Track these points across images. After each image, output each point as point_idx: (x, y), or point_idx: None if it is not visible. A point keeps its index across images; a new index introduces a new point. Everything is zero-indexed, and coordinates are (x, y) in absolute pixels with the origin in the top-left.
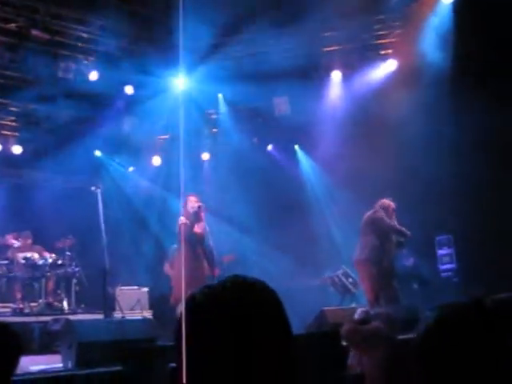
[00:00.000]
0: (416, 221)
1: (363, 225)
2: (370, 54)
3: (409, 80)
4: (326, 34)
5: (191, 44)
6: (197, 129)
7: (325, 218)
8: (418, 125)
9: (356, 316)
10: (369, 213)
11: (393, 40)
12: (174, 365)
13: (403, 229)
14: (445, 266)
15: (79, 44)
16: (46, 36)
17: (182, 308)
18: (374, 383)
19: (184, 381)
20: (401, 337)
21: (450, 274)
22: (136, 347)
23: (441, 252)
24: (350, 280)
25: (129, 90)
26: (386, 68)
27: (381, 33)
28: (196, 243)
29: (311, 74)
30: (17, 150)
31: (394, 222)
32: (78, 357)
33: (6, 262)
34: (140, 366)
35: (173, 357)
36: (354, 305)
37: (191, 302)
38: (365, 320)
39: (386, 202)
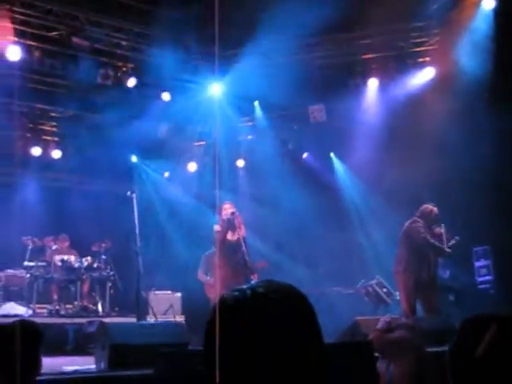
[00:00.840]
0: (454, 231)
1: (401, 235)
2: (407, 61)
3: (446, 88)
4: (363, 42)
5: (228, 51)
6: (232, 135)
7: (362, 227)
8: (456, 133)
9: (379, 325)
10: (407, 223)
11: (431, 48)
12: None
13: (438, 244)
14: (482, 278)
15: (118, 51)
16: (86, 43)
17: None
18: None
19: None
20: (434, 349)
21: (487, 285)
22: (168, 351)
23: (478, 264)
24: (385, 290)
25: (165, 96)
26: (424, 76)
27: (418, 40)
28: (232, 250)
29: (348, 82)
30: (56, 154)
31: (440, 230)
32: (110, 358)
33: (43, 263)
34: (171, 370)
35: (204, 362)
36: (387, 315)
37: (221, 305)
38: (388, 329)
39: (429, 207)
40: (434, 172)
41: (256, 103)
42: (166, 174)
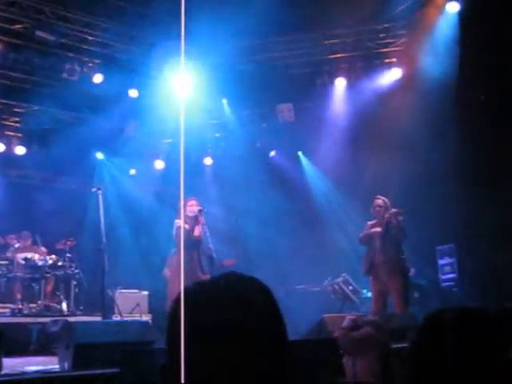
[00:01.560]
0: (418, 229)
1: None
2: (374, 61)
3: (413, 88)
4: (331, 41)
5: (196, 49)
6: (200, 134)
7: (329, 224)
8: (421, 132)
9: (344, 324)
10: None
11: (397, 48)
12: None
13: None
14: (446, 276)
15: (84, 46)
16: (51, 37)
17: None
18: None
19: (182, 380)
20: (397, 345)
21: (451, 283)
22: (133, 349)
23: (442, 262)
24: (351, 288)
25: (133, 93)
26: (391, 76)
27: (385, 41)
28: (192, 247)
29: (315, 81)
30: (20, 150)
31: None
32: (75, 358)
33: (5, 262)
34: (137, 368)
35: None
36: (353, 313)
37: (183, 296)
38: (354, 327)
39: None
40: (399, 169)
41: (224, 101)
42: (133, 172)
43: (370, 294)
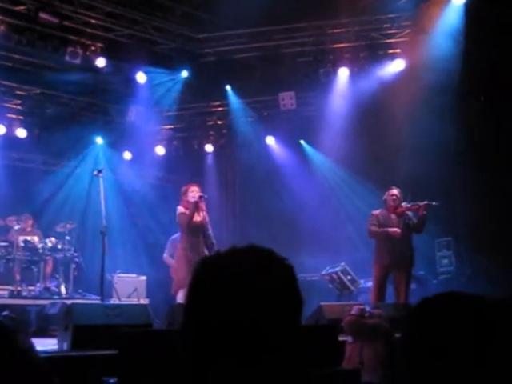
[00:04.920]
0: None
1: None
2: (378, 52)
3: (416, 80)
4: (335, 31)
5: (200, 34)
6: (202, 120)
7: (332, 211)
8: (423, 124)
9: (353, 311)
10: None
11: (402, 39)
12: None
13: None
14: (444, 269)
15: (87, 29)
16: (55, 20)
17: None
18: (371, 373)
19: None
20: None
21: (448, 276)
22: (131, 332)
23: (440, 254)
24: (349, 277)
25: (141, 77)
26: (394, 67)
27: (390, 32)
28: (195, 233)
29: (318, 70)
30: (21, 133)
31: (401, 209)
32: (73, 339)
33: (5, 243)
34: (134, 350)
35: (167, 341)
36: (352, 302)
37: (202, 265)
38: (361, 316)
39: (386, 193)
40: (397, 166)
41: (228, 87)
42: (133, 157)
43: (368, 284)
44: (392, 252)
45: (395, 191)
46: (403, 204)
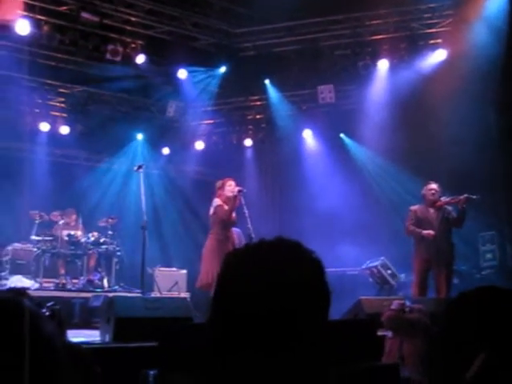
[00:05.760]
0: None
1: None
2: (418, 43)
3: (457, 69)
4: (373, 22)
5: (238, 29)
6: (240, 114)
7: (374, 204)
8: (464, 113)
9: (393, 306)
10: None
11: (443, 29)
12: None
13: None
14: (487, 263)
15: (127, 27)
16: (95, 18)
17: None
18: (411, 369)
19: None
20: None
21: (491, 271)
22: (172, 325)
23: (484, 248)
24: (389, 272)
25: (182, 74)
26: (435, 58)
27: (431, 21)
28: (230, 225)
29: (357, 63)
30: (64, 130)
31: (440, 203)
32: (115, 331)
33: (50, 238)
34: (175, 343)
35: (208, 335)
36: (391, 297)
37: (231, 258)
38: (401, 311)
39: (424, 188)
40: (439, 157)
41: (267, 81)
42: (168, 152)
43: (409, 279)
44: (430, 248)
45: (434, 185)
46: (442, 198)
